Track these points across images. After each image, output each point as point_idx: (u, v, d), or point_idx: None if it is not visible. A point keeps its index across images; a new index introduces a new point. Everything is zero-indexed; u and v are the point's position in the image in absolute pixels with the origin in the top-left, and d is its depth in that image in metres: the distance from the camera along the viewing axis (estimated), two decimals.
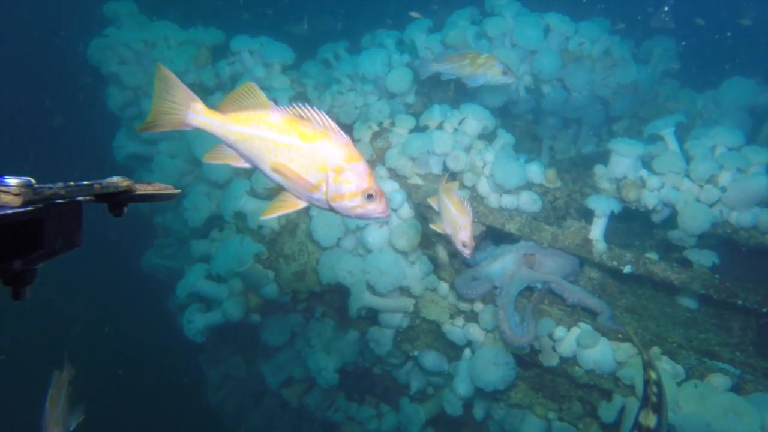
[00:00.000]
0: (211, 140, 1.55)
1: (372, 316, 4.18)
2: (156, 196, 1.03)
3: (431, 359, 4.01)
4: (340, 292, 4.44)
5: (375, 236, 3.80)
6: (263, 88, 5.06)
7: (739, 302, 3.41)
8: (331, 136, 1.46)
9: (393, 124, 4.18)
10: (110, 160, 5.89)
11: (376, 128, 4.17)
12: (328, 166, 1.45)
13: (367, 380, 4.97)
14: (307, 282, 4.25)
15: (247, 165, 1.57)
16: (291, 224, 4.49)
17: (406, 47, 5.20)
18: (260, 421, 6.06)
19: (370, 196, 1.48)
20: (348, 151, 1.46)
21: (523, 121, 5.34)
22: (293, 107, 1.46)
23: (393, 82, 4.61)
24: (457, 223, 2.48)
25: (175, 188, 1.06)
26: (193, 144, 4.74)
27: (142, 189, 1.00)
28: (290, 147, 1.46)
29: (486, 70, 3.50)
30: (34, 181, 0.80)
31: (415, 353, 4.13)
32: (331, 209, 1.52)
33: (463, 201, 2.50)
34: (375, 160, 4.07)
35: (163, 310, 6.61)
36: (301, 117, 1.46)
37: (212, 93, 5.34)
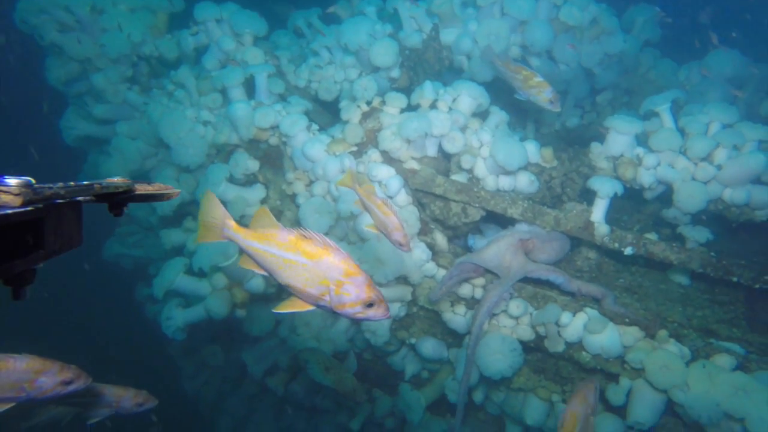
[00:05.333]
0: (179, 121, 1.49)
1: None
2: (156, 196, 1.02)
3: (430, 347, 3.92)
4: None
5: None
6: (233, 61, 4.62)
7: (734, 279, 3.47)
8: (331, 253, 1.66)
9: (383, 102, 3.90)
10: (58, 142, 5.28)
11: (365, 108, 3.88)
12: (330, 281, 1.66)
13: (359, 366, 4.86)
14: None
15: (266, 273, 1.78)
16: (275, 212, 4.19)
17: (387, 16, 4.87)
18: (240, 406, 5.88)
19: (370, 305, 1.68)
20: (347, 266, 1.66)
21: (507, 95, 5.17)
22: (298, 230, 1.70)
23: (378, 54, 4.30)
24: (387, 226, 2.50)
25: (138, 174, 0.98)
26: (160, 124, 4.29)
27: (142, 189, 0.98)
28: (296, 264, 1.68)
29: (535, 92, 3.53)
30: (34, 181, 0.79)
31: (413, 341, 4.02)
32: (336, 313, 1.73)
33: (386, 203, 2.52)
34: (366, 143, 3.81)
35: (128, 299, 6.21)
36: (304, 237, 1.68)
37: (175, 66, 4.83)
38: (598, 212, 3.53)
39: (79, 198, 0.89)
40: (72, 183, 0.85)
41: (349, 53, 4.53)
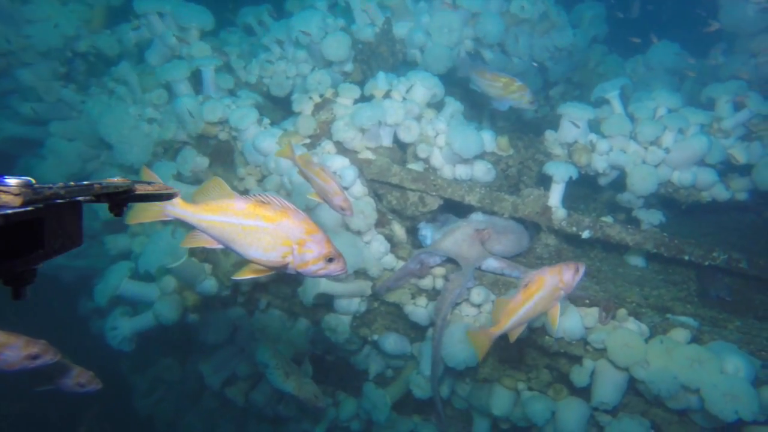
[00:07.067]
0: (121, 118, 1.37)
1: (324, 303, 3.88)
2: (156, 196, 1.01)
3: (392, 342, 3.81)
4: (287, 281, 4.07)
5: (327, 217, 3.47)
6: (179, 56, 4.43)
7: (686, 257, 3.54)
8: (290, 215, 1.67)
9: (336, 94, 3.81)
10: None
11: (317, 99, 3.78)
12: (292, 240, 1.68)
13: (321, 369, 4.69)
14: None
15: (220, 246, 1.75)
16: None
17: (339, 10, 4.80)
18: (200, 423, 5.57)
19: (330, 260, 1.72)
20: (307, 225, 1.69)
21: (462, 89, 5.19)
22: (255, 195, 1.69)
23: (330, 48, 4.21)
24: (327, 192, 2.51)
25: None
26: (100, 122, 4.03)
27: (142, 189, 0.98)
28: (256, 229, 1.67)
29: (517, 97, 3.62)
30: (34, 181, 0.79)
31: (375, 337, 3.90)
32: (298, 274, 1.75)
33: (324, 169, 2.52)
34: (320, 135, 3.70)
35: (72, 315, 5.80)
36: (262, 202, 1.68)
37: (115, 62, 4.58)
38: (554, 197, 3.54)
39: (79, 198, 0.88)
40: (72, 183, 0.85)
41: (300, 47, 4.43)
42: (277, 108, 4.65)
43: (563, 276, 2.31)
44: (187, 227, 3.95)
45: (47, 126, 4.43)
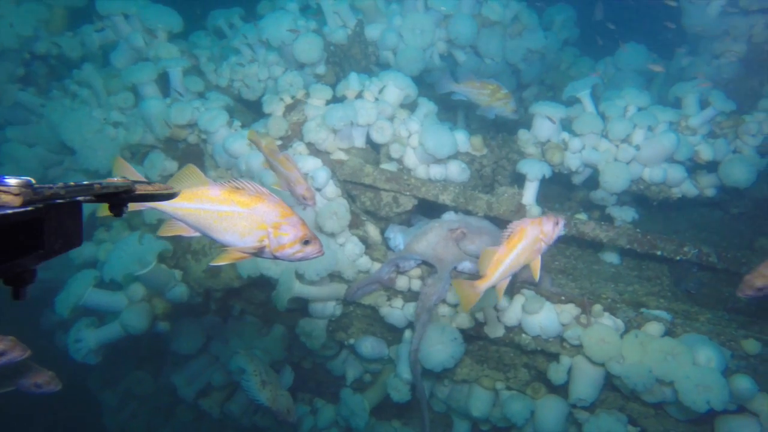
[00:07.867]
0: (84, 122, 1.31)
1: (300, 308, 3.79)
2: (156, 196, 1.02)
3: (369, 346, 3.75)
4: (261, 286, 3.97)
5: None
6: (146, 58, 4.31)
7: (658, 253, 3.58)
8: (264, 199, 1.69)
9: (307, 95, 3.76)
10: None
11: (289, 100, 3.71)
12: (267, 224, 1.69)
13: (297, 376, 4.59)
14: (222, 278, 3.72)
15: (197, 234, 1.76)
16: None
17: (311, 13, 4.76)
18: None
19: (306, 242, 1.73)
20: (281, 209, 1.71)
21: (435, 90, 5.19)
22: (229, 182, 1.70)
23: (302, 50, 4.16)
24: (289, 180, 2.52)
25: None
26: (61, 126, 3.88)
27: (142, 189, 0.99)
28: (232, 214, 1.69)
29: (502, 104, 3.67)
30: (34, 181, 0.80)
31: (351, 342, 3.83)
32: (275, 258, 1.75)
33: (288, 158, 2.53)
34: (291, 137, 3.63)
35: (36, 329, 5.56)
36: (236, 188, 1.69)
37: (78, 65, 4.44)
38: (528, 195, 3.55)
39: (79, 198, 0.89)
40: (72, 183, 0.86)
41: (272, 50, 4.37)
42: (249, 111, 4.57)
43: (544, 227, 2.33)
44: (152, 228, 3.80)
45: (3, 131, 4.25)
